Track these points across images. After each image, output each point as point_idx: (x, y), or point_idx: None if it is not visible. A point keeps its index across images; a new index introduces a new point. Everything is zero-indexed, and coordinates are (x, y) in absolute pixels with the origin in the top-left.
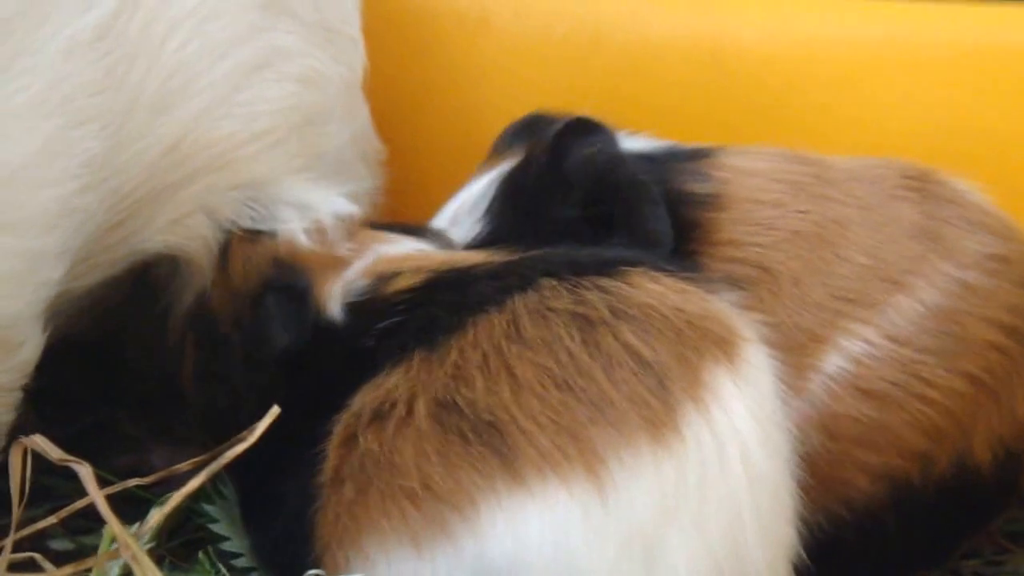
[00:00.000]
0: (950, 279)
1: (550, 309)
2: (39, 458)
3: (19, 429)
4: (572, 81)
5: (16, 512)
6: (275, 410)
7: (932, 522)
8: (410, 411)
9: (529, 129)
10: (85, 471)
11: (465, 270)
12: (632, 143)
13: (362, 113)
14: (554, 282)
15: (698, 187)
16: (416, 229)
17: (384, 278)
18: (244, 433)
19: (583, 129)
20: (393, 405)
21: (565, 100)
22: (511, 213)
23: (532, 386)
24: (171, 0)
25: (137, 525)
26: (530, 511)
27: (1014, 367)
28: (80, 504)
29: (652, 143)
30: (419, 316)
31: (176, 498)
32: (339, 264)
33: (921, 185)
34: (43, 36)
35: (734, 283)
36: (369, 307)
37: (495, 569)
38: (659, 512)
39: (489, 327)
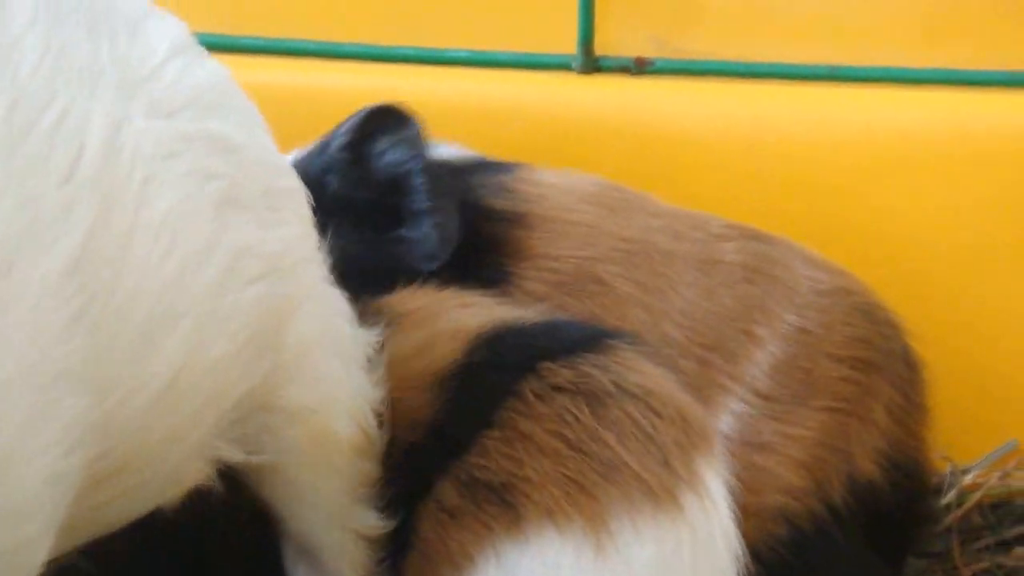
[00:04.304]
0: (789, 327)
1: (555, 388)
2: None
3: None
4: None
5: None
6: None
7: (858, 556)
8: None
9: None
10: None
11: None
12: (437, 151)
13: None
14: (552, 365)
15: (501, 203)
16: None
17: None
18: None
19: (391, 118)
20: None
21: None
22: None
23: (545, 448)
24: (143, 205)
25: None
26: (524, 556)
27: (864, 390)
28: None
29: (456, 152)
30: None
31: None
32: None
33: (741, 231)
34: (7, 299)
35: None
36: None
37: None
38: (657, 572)
39: (506, 418)
